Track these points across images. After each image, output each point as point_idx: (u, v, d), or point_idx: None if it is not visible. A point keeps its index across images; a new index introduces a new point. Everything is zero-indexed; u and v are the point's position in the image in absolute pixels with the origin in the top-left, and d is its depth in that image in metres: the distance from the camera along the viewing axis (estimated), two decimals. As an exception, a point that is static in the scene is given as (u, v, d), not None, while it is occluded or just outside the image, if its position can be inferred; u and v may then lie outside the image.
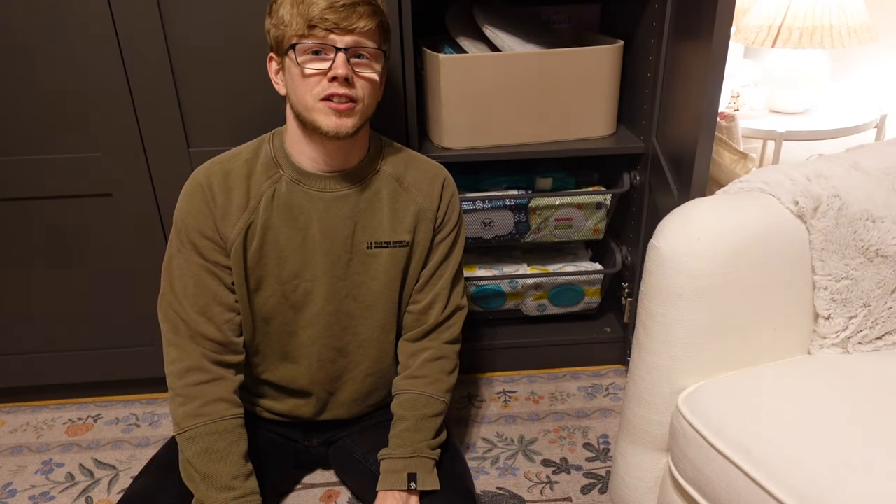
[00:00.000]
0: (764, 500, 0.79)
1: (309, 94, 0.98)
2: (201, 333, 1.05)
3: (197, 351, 1.05)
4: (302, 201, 1.07)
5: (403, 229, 1.12)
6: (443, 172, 1.16)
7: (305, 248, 1.09)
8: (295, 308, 1.12)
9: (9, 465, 1.40)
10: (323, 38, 0.96)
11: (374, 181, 1.11)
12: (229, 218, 1.05)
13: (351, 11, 0.95)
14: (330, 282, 1.10)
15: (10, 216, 1.35)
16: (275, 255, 1.08)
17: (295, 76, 0.99)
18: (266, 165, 1.07)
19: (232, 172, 1.06)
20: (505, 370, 1.67)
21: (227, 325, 1.07)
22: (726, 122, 1.84)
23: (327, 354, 1.15)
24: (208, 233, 1.05)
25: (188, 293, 1.05)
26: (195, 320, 1.05)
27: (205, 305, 1.06)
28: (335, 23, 0.95)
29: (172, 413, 1.05)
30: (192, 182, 1.06)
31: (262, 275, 1.09)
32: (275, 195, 1.06)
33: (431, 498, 1.07)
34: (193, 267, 1.06)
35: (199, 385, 1.05)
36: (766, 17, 1.99)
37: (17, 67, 1.22)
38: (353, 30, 0.96)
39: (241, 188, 1.06)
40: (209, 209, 1.04)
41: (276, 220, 1.07)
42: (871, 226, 0.98)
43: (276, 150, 1.08)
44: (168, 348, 1.07)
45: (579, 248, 1.73)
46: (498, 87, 1.37)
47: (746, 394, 0.90)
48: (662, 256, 0.93)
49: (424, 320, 1.16)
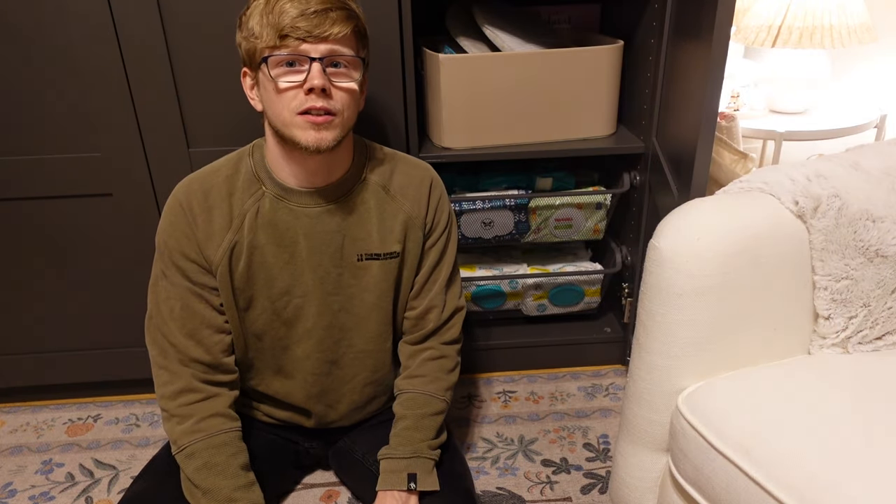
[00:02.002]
0: (764, 500, 0.79)
1: (286, 110, 0.94)
2: (190, 357, 1.04)
3: (187, 373, 1.04)
4: (287, 218, 1.04)
5: (393, 239, 1.09)
6: (429, 174, 1.13)
7: (294, 265, 1.06)
8: (287, 324, 1.10)
9: (9, 465, 1.40)
10: (295, 47, 0.91)
11: (361, 191, 1.08)
12: (213, 239, 1.02)
13: (323, 18, 0.90)
14: (321, 297, 1.08)
15: (10, 216, 1.35)
16: (263, 274, 1.06)
17: (269, 91, 0.95)
18: (248, 182, 1.04)
19: (212, 190, 1.03)
20: (505, 370, 1.67)
21: (216, 346, 1.06)
22: (726, 122, 1.84)
23: (322, 368, 1.14)
24: (192, 255, 1.02)
25: (175, 316, 1.04)
26: (184, 344, 1.03)
27: (193, 329, 1.04)
28: (307, 31, 0.90)
29: (169, 433, 1.04)
30: (172, 203, 1.03)
31: (251, 294, 1.07)
32: (258, 213, 1.03)
33: (431, 498, 1.07)
34: (180, 290, 1.03)
35: (193, 404, 1.04)
36: (766, 17, 1.99)
37: (17, 67, 1.22)
38: (327, 37, 0.91)
39: (223, 207, 1.02)
40: (191, 230, 1.02)
41: (261, 238, 1.04)
42: (871, 226, 0.98)
43: (257, 165, 1.05)
44: (157, 371, 1.05)
45: (579, 248, 1.73)
46: (498, 87, 1.37)
47: (746, 394, 0.90)
48: (662, 256, 0.93)
49: (423, 325, 1.16)
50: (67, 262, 1.40)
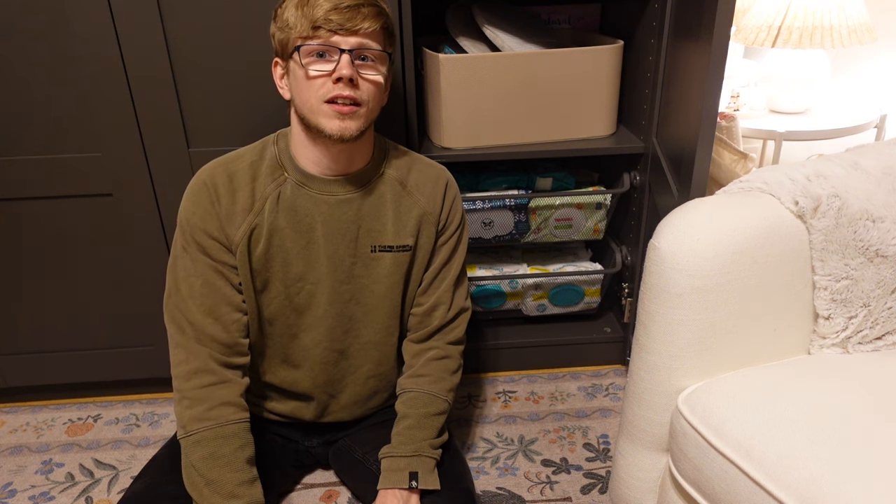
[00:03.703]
0: (764, 500, 0.79)
1: (313, 97, 0.98)
2: (208, 335, 1.05)
3: (204, 352, 1.05)
4: (306, 204, 1.07)
5: (407, 233, 1.12)
6: (445, 174, 1.17)
7: (310, 250, 1.09)
8: (298, 311, 1.12)
9: (9, 465, 1.40)
10: (327, 39, 0.96)
11: (378, 184, 1.11)
12: (234, 220, 1.05)
13: (355, 12, 0.95)
14: (333, 285, 1.10)
15: (11, 216, 1.35)
16: (280, 257, 1.08)
17: (299, 78, 0.99)
18: (271, 168, 1.07)
19: (237, 174, 1.06)
20: (505, 370, 1.67)
21: (234, 325, 1.07)
22: (726, 122, 1.84)
23: (329, 357, 1.15)
24: (214, 233, 1.05)
25: (195, 294, 1.05)
26: (202, 322, 1.05)
27: (213, 306, 1.06)
28: (339, 24, 0.95)
29: (178, 415, 1.05)
30: (196, 182, 1.06)
31: (268, 276, 1.09)
32: (280, 198, 1.06)
33: (431, 497, 1.07)
34: (201, 267, 1.05)
35: (206, 387, 1.04)
36: (766, 17, 1.99)
37: (17, 67, 1.22)
38: (358, 31, 0.96)
39: (246, 190, 1.05)
40: (214, 210, 1.04)
41: (281, 222, 1.07)
42: (871, 226, 0.98)
43: (281, 153, 1.08)
44: (175, 350, 1.07)
45: (579, 248, 1.73)
46: (498, 87, 1.37)
47: (746, 394, 0.90)
48: (662, 256, 0.93)
49: (428, 322, 1.17)
50: (67, 262, 1.40)
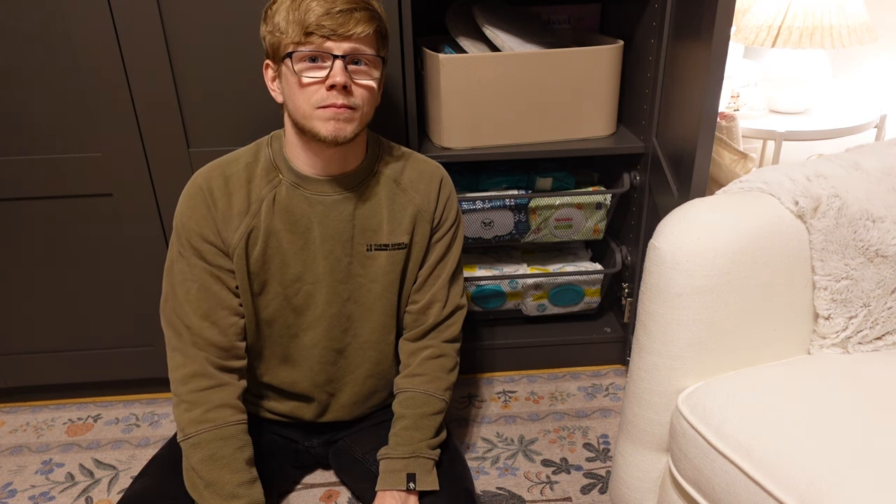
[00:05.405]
0: (764, 500, 0.79)
1: (307, 104, 0.97)
2: (205, 339, 1.05)
3: (200, 356, 1.05)
4: (302, 205, 1.07)
5: (402, 231, 1.12)
6: (440, 171, 1.17)
7: (307, 251, 1.09)
8: (297, 311, 1.12)
9: (9, 465, 1.40)
10: (320, 45, 0.94)
11: (373, 183, 1.11)
12: (230, 223, 1.05)
13: (348, 17, 0.94)
14: (331, 285, 1.11)
15: (10, 216, 1.35)
16: (278, 259, 1.08)
17: (292, 85, 0.98)
18: (266, 170, 1.07)
19: (232, 177, 1.06)
20: (505, 370, 1.67)
21: (231, 329, 1.07)
22: (726, 122, 1.84)
23: (328, 357, 1.15)
24: (210, 237, 1.04)
25: (191, 298, 1.05)
26: (198, 326, 1.05)
27: (209, 310, 1.05)
28: (332, 29, 0.93)
29: (177, 419, 1.05)
30: (192, 186, 1.06)
31: (265, 278, 1.09)
32: (275, 199, 1.06)
33: (431, 498, 1.07)
34: (197, 271, 1.05)
35: (204, 391, 1.04)
36: (766, 17, 1.99)
37: (17, 67, 1.22)
38: (351, 36, 0.95)
39: (242, 193, 1.05)
40: (210, 214, 1.04)
41: (277, 224, 1.07)
42: (871, 226, 0.98)
43: (275, 154, 1.08)
44: (172, 353, 1.07)
45: (579, 248, 1.73)
46: (498, 87, 1.37)
47: (746, 394, 0.90)
48: (662, 256, 0.93)
49: (424, 320, 1.16)
50: (67, 262, 1.40)
